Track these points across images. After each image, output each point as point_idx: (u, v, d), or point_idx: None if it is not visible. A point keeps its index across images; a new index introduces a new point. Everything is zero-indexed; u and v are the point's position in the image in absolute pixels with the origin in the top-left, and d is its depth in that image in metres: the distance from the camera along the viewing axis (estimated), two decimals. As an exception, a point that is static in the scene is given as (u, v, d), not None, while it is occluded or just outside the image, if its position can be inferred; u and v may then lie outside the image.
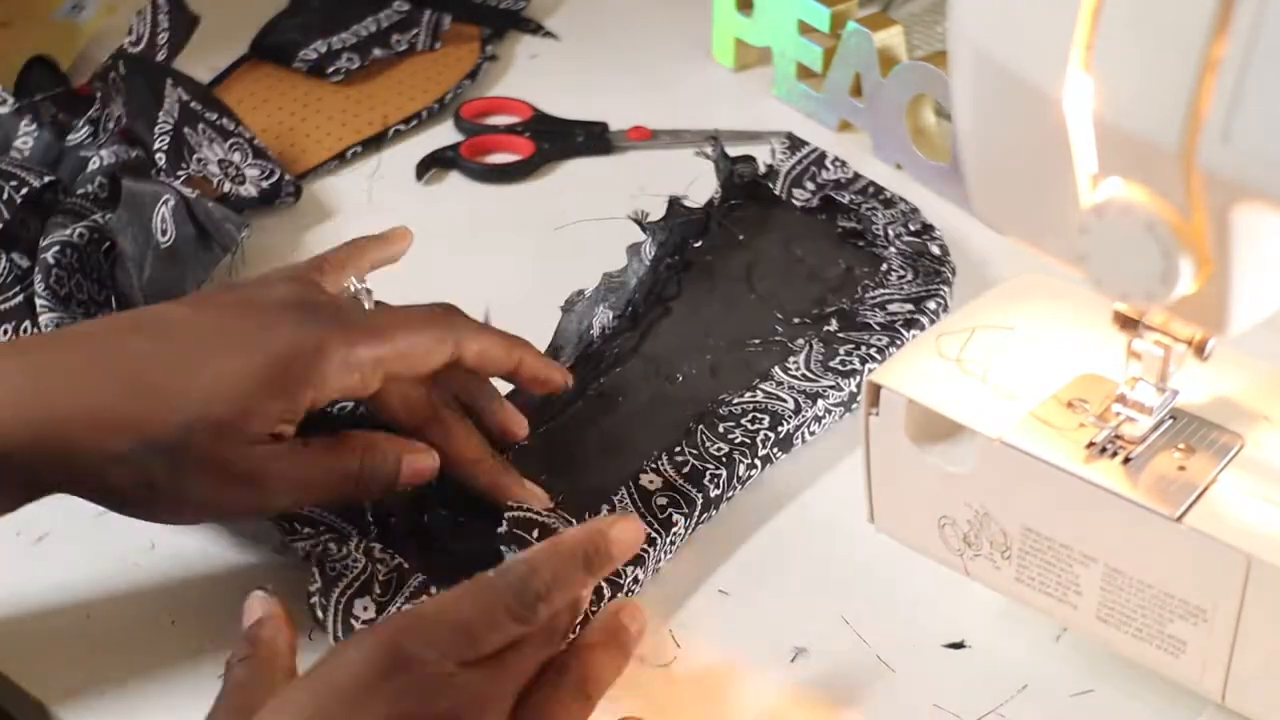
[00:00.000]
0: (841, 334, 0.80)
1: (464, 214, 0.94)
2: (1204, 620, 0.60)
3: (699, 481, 0.72)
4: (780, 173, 0.90)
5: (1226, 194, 0.51)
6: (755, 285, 0.84)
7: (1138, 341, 0.62)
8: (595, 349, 0.80)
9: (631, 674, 0.67)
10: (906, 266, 0.84)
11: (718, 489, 0.72)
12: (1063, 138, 0.54)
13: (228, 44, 1.04)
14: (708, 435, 0.75)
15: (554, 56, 1.07)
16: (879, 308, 0.82)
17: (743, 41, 1.04)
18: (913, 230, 0.86)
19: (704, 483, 0.72)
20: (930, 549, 0.67)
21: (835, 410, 0.77)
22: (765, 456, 0.74)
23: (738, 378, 0.78)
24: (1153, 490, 0.60)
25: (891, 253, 0.85)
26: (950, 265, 0.84)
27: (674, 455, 0.73)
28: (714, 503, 0.73)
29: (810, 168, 0.90)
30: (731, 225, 0.87)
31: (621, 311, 0.81)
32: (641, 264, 0.83)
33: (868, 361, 0.78)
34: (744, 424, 0.75)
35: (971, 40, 0.56)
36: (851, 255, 0.86)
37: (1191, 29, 0.49)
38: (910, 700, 0.66)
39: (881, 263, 0.85)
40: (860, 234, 0.87)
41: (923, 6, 1.09)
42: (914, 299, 0.82)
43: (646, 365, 0.79)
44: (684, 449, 0.74)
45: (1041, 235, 0.60)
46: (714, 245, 0.86)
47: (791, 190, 0.89)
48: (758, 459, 0.74)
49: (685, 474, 0.73)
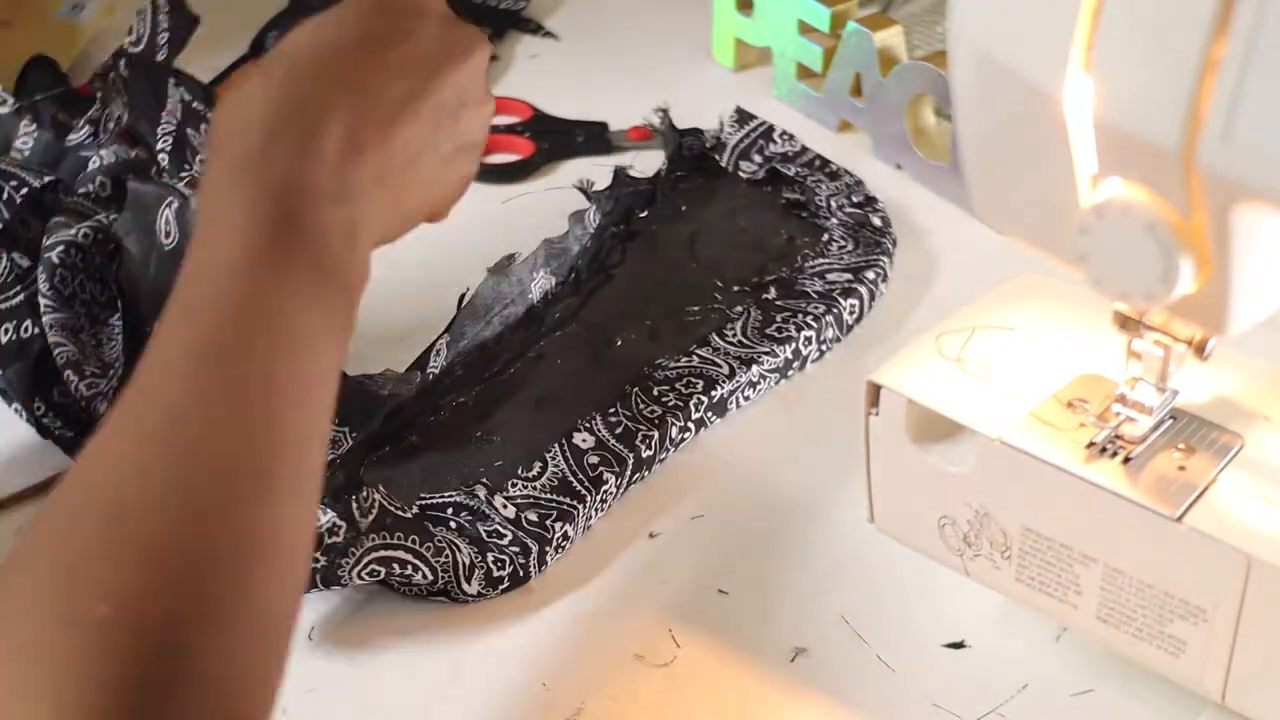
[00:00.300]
0: (780, 302, 0.82)
1: (464, 214, 0.94)
2: (1204, 620, 0.60)
3: (631, 442, 0.74)
4: (728, 145, 0.91)
5: (1226, 194, 0.51)
6: (697, 254, 0.85)
7: (1138, 341, 0.62)
8: (536, 313, 0.81)
9: (632, 674, 0.67)
10: (848, 237, 0.86)
11: (649, 450, 0.74)
12: (1063, 138, 0.54)
13: (228, 44, 1.04)
14: (641, 398, 0.76)
15: (554, 56, 1.07)
16: (818, 276, 0.83)
17: (743, 41, 1.04)
18: (855, 202, 0.88)
19: (635, 443, 0.74)
20: (930, 549, 0.67)
21: (770, 376, 0.79)
22: (699, 420, 0.76)
23: (676, 344, 0.80)
24: (1153, 490, 0.60)
25: (833, 223, 0.87)
26: (891, 236, 0.86)
27: (608, 415, 0.75)
28: (646, 464, 0.74)
29: (758, 140, 0.92)
30: (676, 197, 0.89)
31: (564, 278, 0.83)
32: (585, 231, 0.85)
33: (803, 329, 0.80)
34: (678, 388, 0.77)
35: (971, 40, 0.56)
36: (795, 226, 0.88)
37: (1191, 29, 0.49)
38: (910, 700, 0.66)
39: (823, 233, 0.86)
40: (804, 205, 0.89)
41: (923, 6, 1.09)
42: (853, 269, 0.84)
43: (588, 330, 0.80)
44: (618, 410, 0.75)
45: (1041, 235, 0.60)
46: (659, 215, 0.87)
47: (739, 163, 0.91)
48: (691, 422, 0.76)
49: (618, 434, 0.74)
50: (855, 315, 0.82)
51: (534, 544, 0.70)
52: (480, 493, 0.71)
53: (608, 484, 0.73)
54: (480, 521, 0.71)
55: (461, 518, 0.71)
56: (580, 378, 0.78)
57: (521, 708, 0.66)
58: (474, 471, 0.73)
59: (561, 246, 0.84)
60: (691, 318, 0.81)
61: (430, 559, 0.68)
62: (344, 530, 0.66)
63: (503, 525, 0.70)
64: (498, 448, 0.74)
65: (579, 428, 0.75)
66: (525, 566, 0.70)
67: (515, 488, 0.72)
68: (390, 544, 0.68)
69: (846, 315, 0.82)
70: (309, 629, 0.69)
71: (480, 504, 0.71)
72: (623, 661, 0.68)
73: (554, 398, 0.77)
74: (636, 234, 0.86)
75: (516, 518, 0.71)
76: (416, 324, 0.82)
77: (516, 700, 0.66)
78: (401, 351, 0.80)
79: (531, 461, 0.73)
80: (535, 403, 0.77)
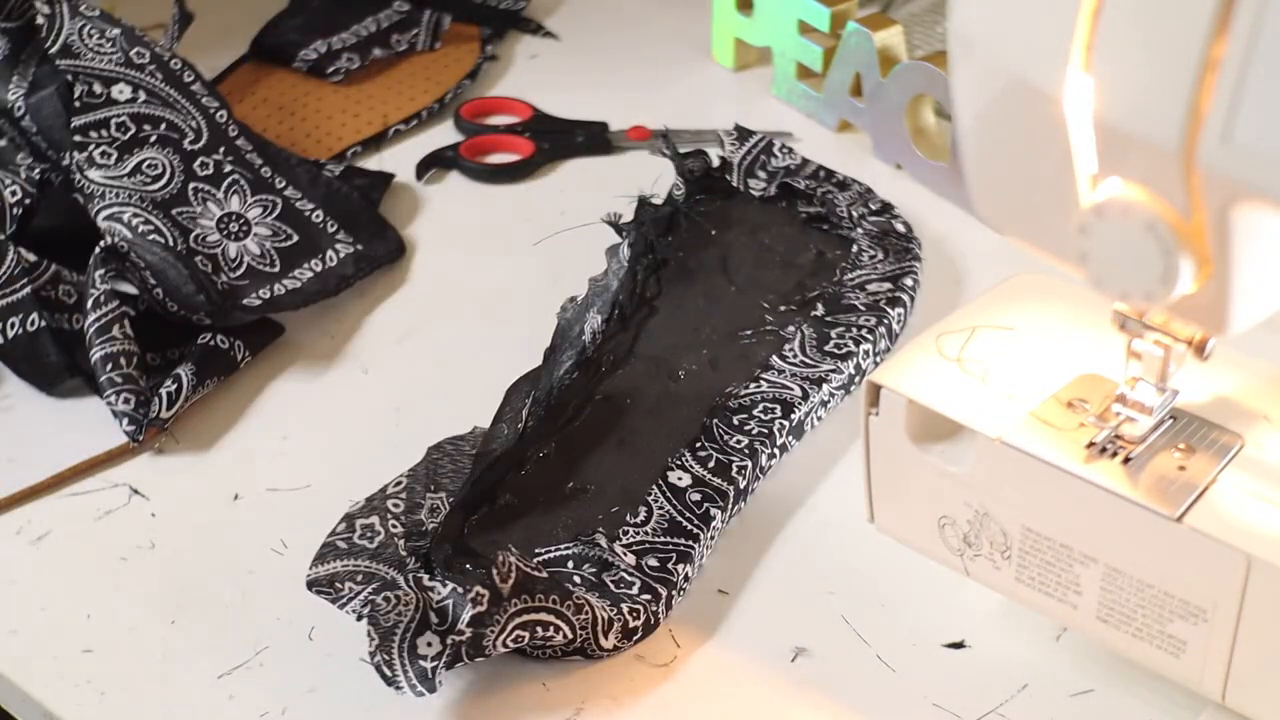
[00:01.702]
0: (829, 318, 0.81)
1: (464, 214, 0.94)
2: (1204, 620, 0.60)
3: (727, 474, 0.73)
4: (733, 164, 0.91)
5: (1226, 194, 0.51)
6: (733, 277, 0.85)
7: (1138, 341, 0.62)
8: (590, 354, 0.80)
9: (632, 674, 0.67)
10: (875, 246, 0.86)
11: (745, 480, 0.73)
12: (1063, 138, 0.54)
13: (228, 44, 1.04)
14: (723, 429, 0.75)
15: (554, 56, 1.07)
16: (859, 289, 0.83)
17: (743, 41, 1.04)
18: (874, 209, 0.88)
19: (732, 475, 0.73)
20: (930, 549, 0.67)
21: (838, 394, 0.79)
22: (782, 445, 0.76)
23: (739, 369, 0.79)
24: (1153, 490, 0.60)
25: (859, 234, 0.87)
26: (917, 241, 0.86)
27: (696, 451, 0.74)
28: (743, 494, 0.74)
29: (760, 156, 0.91)
30: (701, 221, 0.88)
31: (609, 314, 0.82)
32: (620, 265, 0.84)
33: (861, 343, 0.79)
34: (757, 415, 0.76)
35: (971, 40, 0.56)
36: (819, 239, 0.87)
37: (1191, 29, 0.49)
38: (910, 700, 0.66)
39: (851, 244, 0.86)
40: (823, 218, 0.88)
41: (923, 6, 1.09)
42: (891, 277, 0.83)
43: (646, 365, 0.79)
44: (704, 443, 0.75)
45: (1041, 235, 0.60)
46: (684, 241, 0.87)
47: (746, 180, 0.90)
48: (776, 448, 0.75)
49: (711, 468, 0.73)
50: (901, 324, 0.82)
51: (663, 589, 0.68)
52: (601, 541, 0.70)
53: (715, 520, 0.71)
54: (605, 571, 0.69)
55: (584, 570, 0.69)
56: (655, 415, 0.77)
57: (522, 707, 0.66)
58: (579, 523, 0.71)
59: (603, 284, 0.83)
60: (747, 341, 0.81)
61: (571, 617, 0.66)
62: (487, 598, 0.64)
63: (629, 573, 0.69)
64: (595, 496, 0.73)
65: (671, 466, 0.73)
66: (656, 614, 0.68)
67: (628, 535, 0.71)
68: (533, 607, 0.65)
69: (895, 325, 0.81)
70: (309, 629, 0.69)
71: (604, 553, 0.69)
72: (623, 661, 0.68)
73: (634, 439, 0.75)
74: (666, 262, 0.85)
75: (638, 564, 0.69)
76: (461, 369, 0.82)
77: (517, 700, 0.66)
78: (461, 403, 0.78)
79: (636, 507, 0.72)
80: (618, 445, 0.75)
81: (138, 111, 0.86)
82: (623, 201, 0.88)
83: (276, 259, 0.86)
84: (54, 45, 0.86)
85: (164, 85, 0.88)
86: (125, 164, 0.85)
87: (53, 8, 0.86)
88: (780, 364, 0.79)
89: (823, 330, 0.80)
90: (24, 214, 0.83)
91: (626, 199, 0.88)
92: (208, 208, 0.86)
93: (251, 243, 0.86)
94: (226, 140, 0.89)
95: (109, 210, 0.83)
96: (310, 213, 0.89)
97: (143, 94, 0.87)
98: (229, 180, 0.88)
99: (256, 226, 0.87)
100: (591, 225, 0.88)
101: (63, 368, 0.80)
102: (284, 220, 0.88)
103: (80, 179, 0.84)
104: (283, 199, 0.89)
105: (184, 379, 0.77)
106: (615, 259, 0.84)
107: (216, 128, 0.89)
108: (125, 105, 0.86)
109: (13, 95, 0.87)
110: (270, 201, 0.88)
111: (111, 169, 0.84)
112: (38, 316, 0.79)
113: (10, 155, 0.87)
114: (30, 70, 0.87)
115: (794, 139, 0.97)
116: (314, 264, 0.87)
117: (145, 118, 0.87)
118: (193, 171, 0.87)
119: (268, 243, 0.86)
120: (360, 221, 0.90)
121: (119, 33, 0.88)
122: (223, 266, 0.84)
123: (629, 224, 0.85)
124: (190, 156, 0.87)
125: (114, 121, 0.86)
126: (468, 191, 0.96)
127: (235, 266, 0.85)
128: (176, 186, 0.86)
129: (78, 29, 0.86)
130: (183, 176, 0.86)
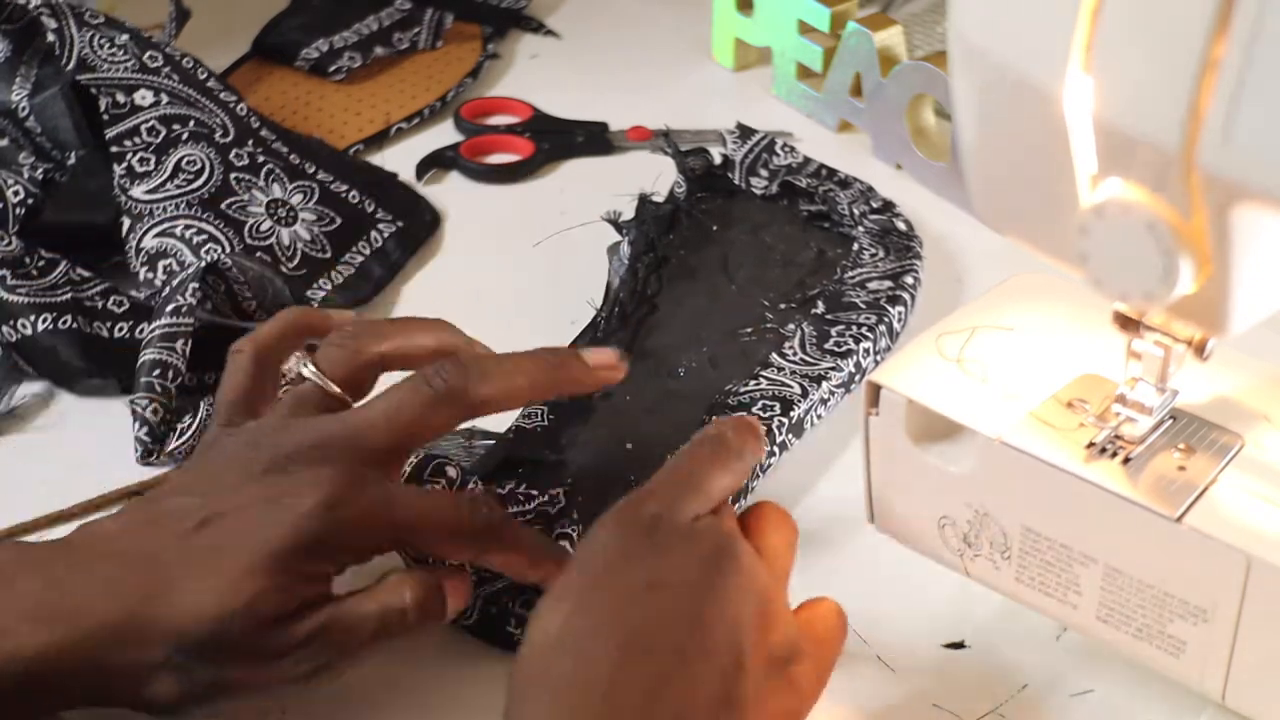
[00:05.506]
0: (829, 315, 0.81)
1: (464, 214, 0.94)
2: (1204, 620, 0.60)
3: None
4: (735, 162, 0.91)
5: (1226, 194, 0.51)
6: (733, 276, 0.85)
7: (1138, 341, 0.62)
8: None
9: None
10: (876, 244, 0.86)
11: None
12: (1063, 138, 0.54)
13: (229, 43, 1.04)
14: None
15: (554, 56, 1.07)
16: (859, 287, 0.83)
17: (743, 41, 1.04)
18: (875, 207, 0.88)
19: None
20: (930, 549, 0.67)
21: (838, 392, 0.78)
22: (782, 444, 0.76)
23: (738, 367, 0.79)
24: (1153, 490, 0.60)
25: (860, 231, 0.87)
26: (918, 239, 0.86)
27: None
28: (743, 492, 0.73)
29: (761, 154, 0.91)
30: (702, 219, 0.88)
31: (609, 312, 0.82)
32: (621, 263, 0.84)
33: (861, 341, 0.79)
34: (756, 412, 0.76)
35: (971, 40, 0.56)
36: (820, 238, 0.87)
37: (1191, 29, 0.49)
38: (910, 700, 0.66)
39: (852, 242, 0.86)
40: (825, 216, 0.88)
41: (923, 6, 1.09)
42: (891, 275, 0.83)
43: (645, 363, 0.79)
44: None
45: (1041, 235, 0.60)
46: (685, 239, 0.87)
47: (748, 179, 0.90)
48: (776, 446, 0.75)
49: None
50: (902, 322, 0.82)
51: None
52: None
53: None
54: None
55: None
56: (654, 413, 0.77)
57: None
58: (579, 521, 0.71)
59: (605, 282, 0.84)
60: (746, 339, 0.81)
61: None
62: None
63: None
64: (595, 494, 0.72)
65: None
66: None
67: None
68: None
69: (895, 323, 0.82)
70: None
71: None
72: (623, 661, 0.67)
73: (638, 438, 0.75)
74: (667, 260, 0.85)
75: None
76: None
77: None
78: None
79: None
80: (623, 445, 0.75)
81: (164, 114, 0.87)
82: (623, 201, 0.88)
83: (327, 244, 0.87)
84: (69, 61, 0.86)
85: (182, 85, 0.88)
86: (165, 166, 0.85)
87: (59, 21, 0.86)
88: (780, 362, 0.79)
89: (823, 328, 0.81)
90: (28, 213, 0.83)
91: (626, 199, 0.88)
92: (254, 194, 0.87)
93: (301, 229, 0.87)
94: (252, 132, 0.90)
95: (160, 227, 0.83)
96: (346, 193, 0.90)
97: (165, 96, 0.87)
98: (265, 169, 0.88)
99: (302, 212, 0.87)
100: (591, 225, 0.88)
101: (82, 370, 0.80)
102: (325, 204, 0.89)
103: (125, 199, 0.84)
104: (318, 183, 0.90)
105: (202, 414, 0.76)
106: (616, 257, 0.85)
107: (239, 120, 0.90)
108: (150, 110, 0.86)
109: (16, 96, 0.87)
110: (308, 187, 0.89)
111: (153, 175, 0.85)
112: (70, 318, 0.79)
113: (12, 155, 0.87)
114: (33, 71, 0.87)
115: (794, 139, 0.97)
116: (362, 246, 0.88)
117: (173, 118, 0.87)
118: (230, 163, 0.87)
119: (315, 227, 0.87)
120: (395, 196, 0.92)
121: (127, 38, 0.88)
122: (280, 258, 0.85)
123: (630, 221, 0.86)
124: (224, 149, 0.88)
125: (144, 127, 0.86)
126: (468, 191, 0.96)
127: (291, 256, 0.86)
128: (219, 179, 0.86)
129: (88, 40, 0.87)
130: (222, 169, 0.87)
